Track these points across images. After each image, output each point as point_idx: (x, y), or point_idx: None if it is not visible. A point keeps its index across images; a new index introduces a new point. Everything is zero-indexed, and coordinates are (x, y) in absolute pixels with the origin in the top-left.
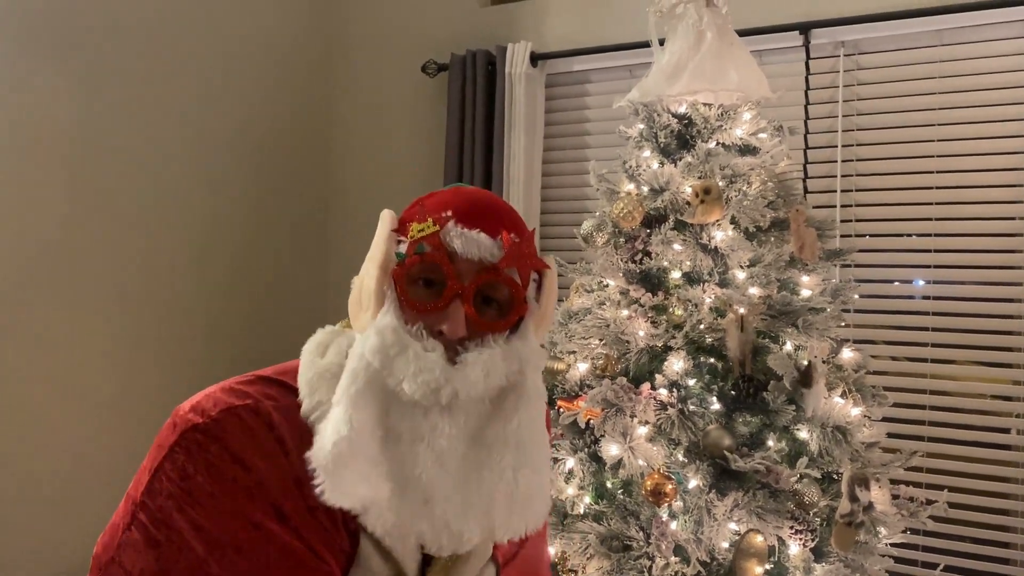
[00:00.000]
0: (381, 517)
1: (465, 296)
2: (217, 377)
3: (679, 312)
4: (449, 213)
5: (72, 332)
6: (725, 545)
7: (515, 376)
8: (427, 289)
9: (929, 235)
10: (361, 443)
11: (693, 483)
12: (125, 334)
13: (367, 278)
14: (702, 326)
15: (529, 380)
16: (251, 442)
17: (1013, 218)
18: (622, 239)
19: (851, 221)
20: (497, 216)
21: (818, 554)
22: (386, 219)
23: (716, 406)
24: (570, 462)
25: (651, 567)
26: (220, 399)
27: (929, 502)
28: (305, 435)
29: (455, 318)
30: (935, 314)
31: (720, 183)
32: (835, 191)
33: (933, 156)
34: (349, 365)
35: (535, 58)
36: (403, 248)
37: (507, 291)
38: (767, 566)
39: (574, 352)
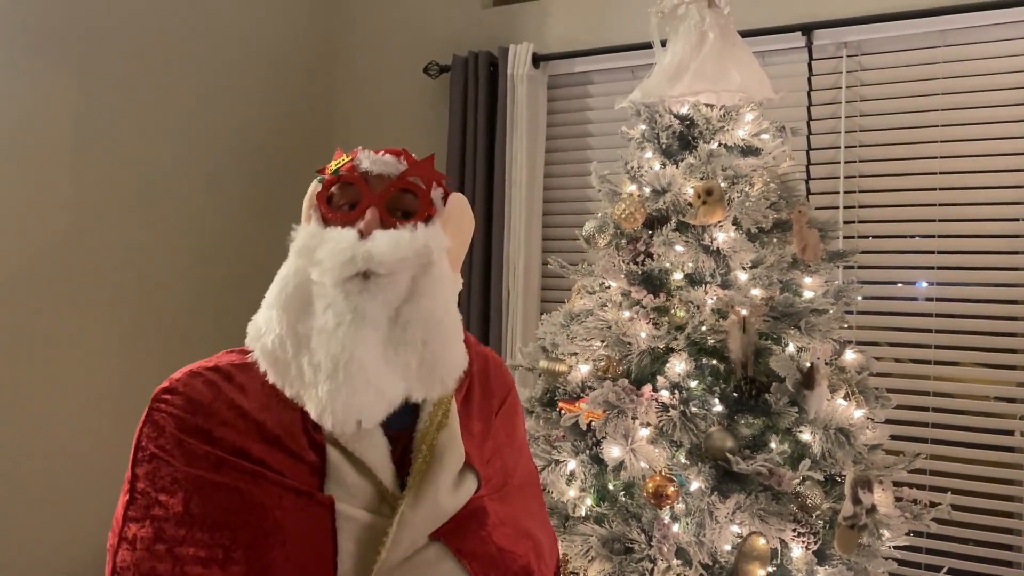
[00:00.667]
0: (320, 404)
1: (377, 203)
2: None
3: (681, 313)
4: (359, 148)
5: (73, 331)
6: (727, 548)
7: (424, 255)
8: (347, 208)
9: (932, 236)
10: (291, 335)
11: (695, 485)
12: (127, 334)
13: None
14: (704, 328)
15: (437, 264)
16: (212, 392)
17: (1017, 219)
18: (624, 240)
19: (854, 222)
20: (399, 151)
21: (821, 557)
22: (314, 182)
23: (718, 408)
24: (571, 464)
25: (653, 570)
26: (184, 369)
27: (933, 504)
28: (262, 379)
29: (370, 218)
30: (938, 315)
31: (722, 184)
32: (838, 192)
33: (936, 157)
34: (280, 273)
35: (537, 59)
36: (322, 177)
37: (415, 200)
38: (769, 569)
39: (575, 354)
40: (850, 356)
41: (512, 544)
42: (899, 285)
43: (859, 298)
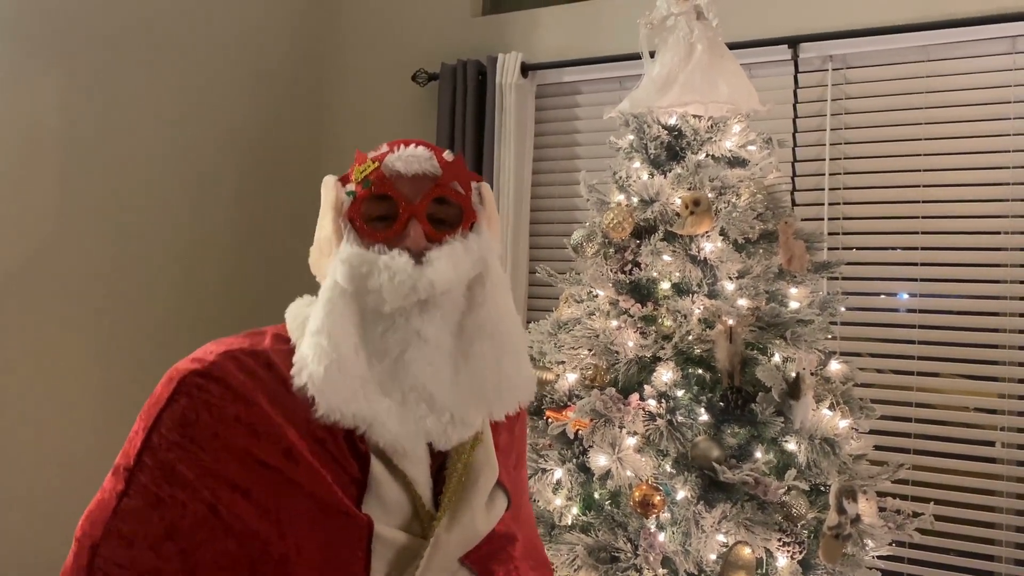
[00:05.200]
0: (385, 428)
1: (419, 214)
2: None
3: (668, 323)
4: (385, 148)
5: (56, 336)
6: (713, 557)
7: (480, 266)
8: (382, 222)
9: (915, 248)
10: (347, 363)
11: (681, 494)
12: (111, 339)
13: (323, 228)
14: (691, 337)
15: (492, 269)
16: (252, 380)
17: (998, 232)
18: (612, 249)
19: (838, 234)
20: (428, 144)
21: (806, 566)
22: (329, 182)
23: (704, 417)
24: (558, 473)
25: None
26: (216, 348)
27: (915, 515)
28: None
29: (415, 234)
30: (921, 327)
31: (710, 195)
32: (822, 204)
33: (919, 170)
34: (323, 297)
35: (525, 69)
36: (351, 188)
37: (455, 206)
38: None
39: (563, 362)
40: (835, 366)
41: None
42: (882, 296)
43: (842, 309)
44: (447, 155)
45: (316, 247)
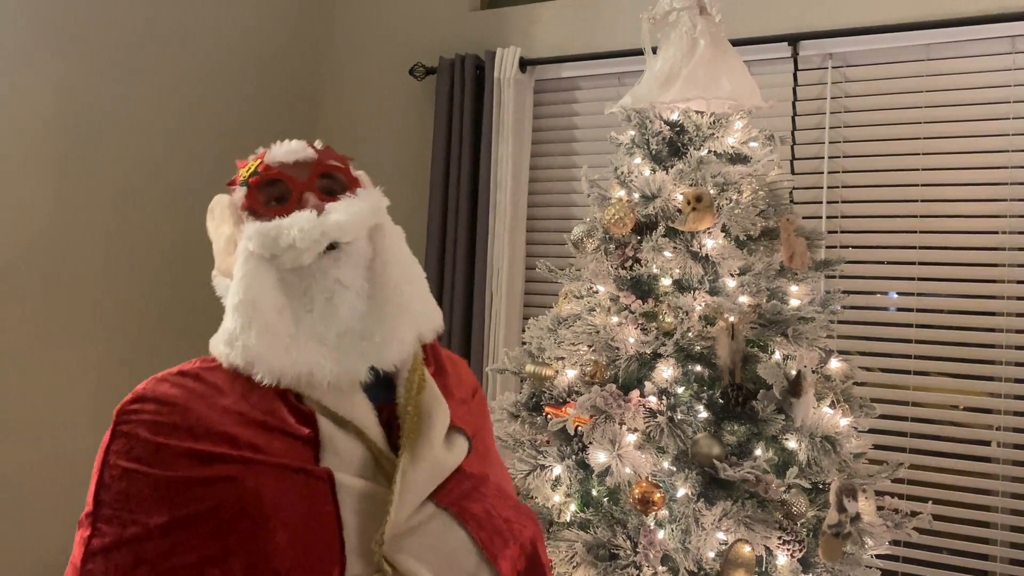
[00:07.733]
0: (324, 370)
1: (310, 187)
2: None
3: (669, 319)
4: (262, 150)
5: (52, 332)
6: (712, 555)
7: (378, 215)
8: (279, 203)
9: (913, 248)
10: (273, 324)
11: (681, 492)
12: (108, 335)
13: (221, 236)
14: (692, 334)
15: (387, 221)
16: (184, 392)
17: (996, 232)
18: (612, 245)
19: (836, 232)
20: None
21: (805, 564)
22: (222, 199)
23: (705, 414)
24: (557, 469)
25: None
26: (146, 381)
27: (913, 514)
28: (233, 377)
29: (312, 201)
30: (918, 326)
31: (711, 191)
32: (821, 202)
33: (918, 169)
34: (239, 271)
35: (524, 63)
36: (243, 180)
37: (339, 180)
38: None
39: (563, 358)
40: (835, 364)
41: (516, 515)
42: (879, 295)
43: (839, 307)
44: (317, 143)
45: (218, 256)
